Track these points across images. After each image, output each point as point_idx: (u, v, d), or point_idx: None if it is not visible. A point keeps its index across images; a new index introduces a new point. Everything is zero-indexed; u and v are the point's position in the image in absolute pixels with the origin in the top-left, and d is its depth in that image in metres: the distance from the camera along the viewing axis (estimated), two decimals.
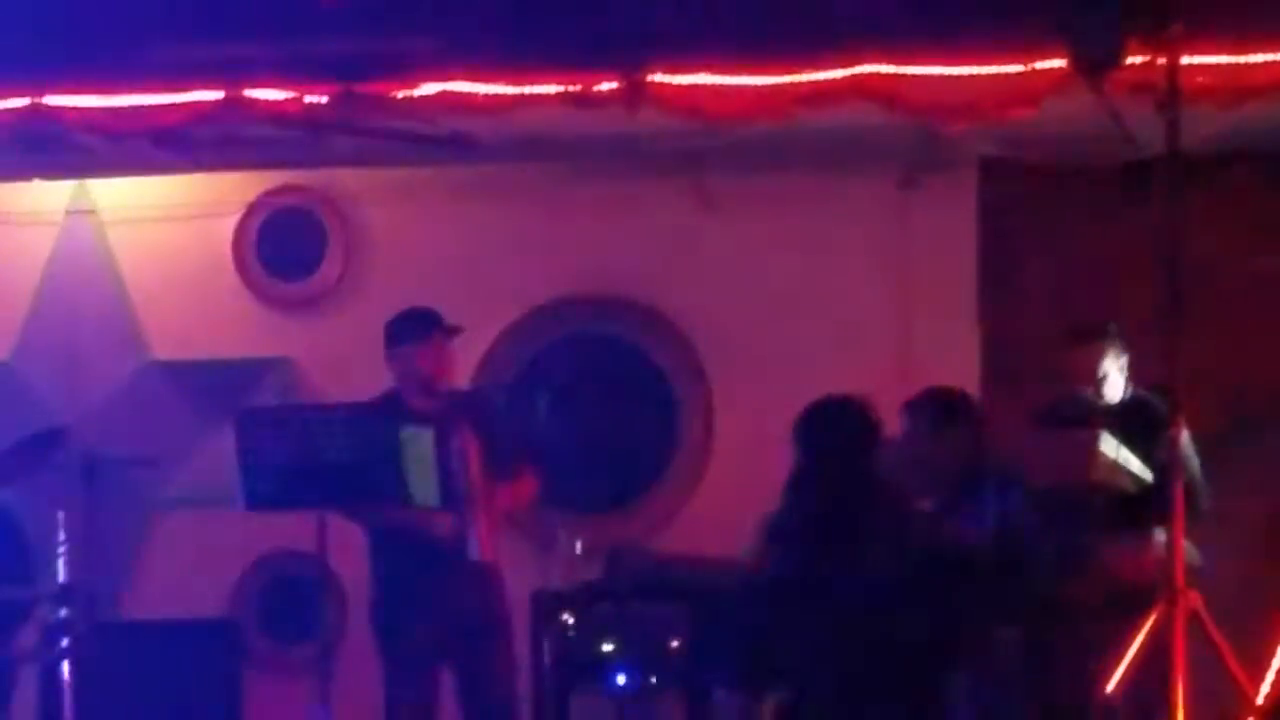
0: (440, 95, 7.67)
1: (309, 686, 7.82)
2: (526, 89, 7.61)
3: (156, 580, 8.92)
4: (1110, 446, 6.71)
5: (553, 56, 7.60)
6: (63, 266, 9.10)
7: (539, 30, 7.63)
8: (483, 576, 7.32)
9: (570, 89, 7.59)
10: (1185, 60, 6.37)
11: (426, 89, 7.66)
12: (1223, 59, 7.18)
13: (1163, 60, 6.28)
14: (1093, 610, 6.62)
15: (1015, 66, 7.35)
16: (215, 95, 7.77)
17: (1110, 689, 6.12)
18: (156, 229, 8.99)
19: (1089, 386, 7.21)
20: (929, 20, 7.37)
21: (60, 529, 7.69)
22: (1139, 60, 6.56)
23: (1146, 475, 6.77)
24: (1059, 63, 7.17)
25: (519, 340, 8.88)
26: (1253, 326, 8.43)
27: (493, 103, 7.64)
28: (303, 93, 7.74)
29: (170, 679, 8.34)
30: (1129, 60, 6.60)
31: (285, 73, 7.74)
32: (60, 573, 7.70)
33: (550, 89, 7.61)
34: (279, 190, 9.00)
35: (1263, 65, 7.24)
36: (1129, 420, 6.97)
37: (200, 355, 8.99)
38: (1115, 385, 7.21)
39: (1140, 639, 6.12)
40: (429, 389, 7.39)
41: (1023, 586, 6.40)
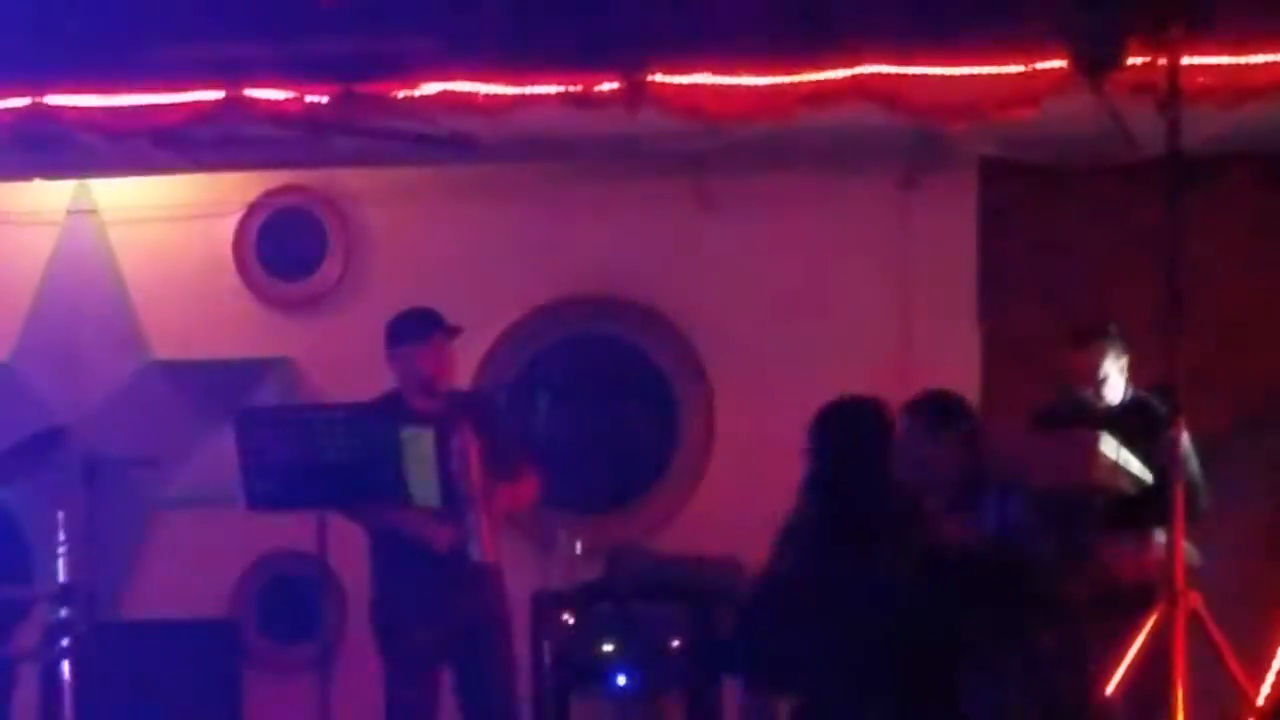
0: (440, 95, 7.66)
1: (309, 686, 7.83)
2: (527, 89, 7.61)
3: (156, 580, 8.92)
4: (1110, 447, 6.71)
5: (553, 57, 7.59)
6: (63, 266, 9.10)
7: (539, 30, 7.63)
8: (483, 577, 7.32)
9: (570, 89, 7.59)
10: (1186, 61, 6.37)
11: (427, 89, 7.66)
12: (1223, 60, 7.18)
13: (1163, 61, 6.28)
14: (1093, 611, 6.62)
15: (1016, 67, 7.35)
16: (216, 95, 7.77)
17: (1110, 689, 6.13)
18: (157, 229, 8.99)
19: (1089, 387, 7.21)
20: (929, 20, 7.37)
21: (60, 529, 7.68)
22: (1139, 61, 6.56)
23: (1147, 476, 6.77)
24: (1059, 63, 7.17)
25: (519, 340, 8.87)
26: (1253, 327, 8.42)
27: (493, 103, 7.64)
28: (303, 93, 7.73)
29: (170, 679, 8.35)
30: (1129, 61, 6.60)
31: (285, 73, 7.73)
32: (60, 572, 7.69)
33: (550, 89, 7.61)
34: (279, 190, 9.00)
35: (1263, 66, 7.24)
36: (1129, 421, 6.97)
37: (201, 355, 8.98)
38: (1115, 386, 7.21)
39: (1140, 639, 6.12)
40: (429, 389, 7.39)
41: (1023, 589, 6.39)
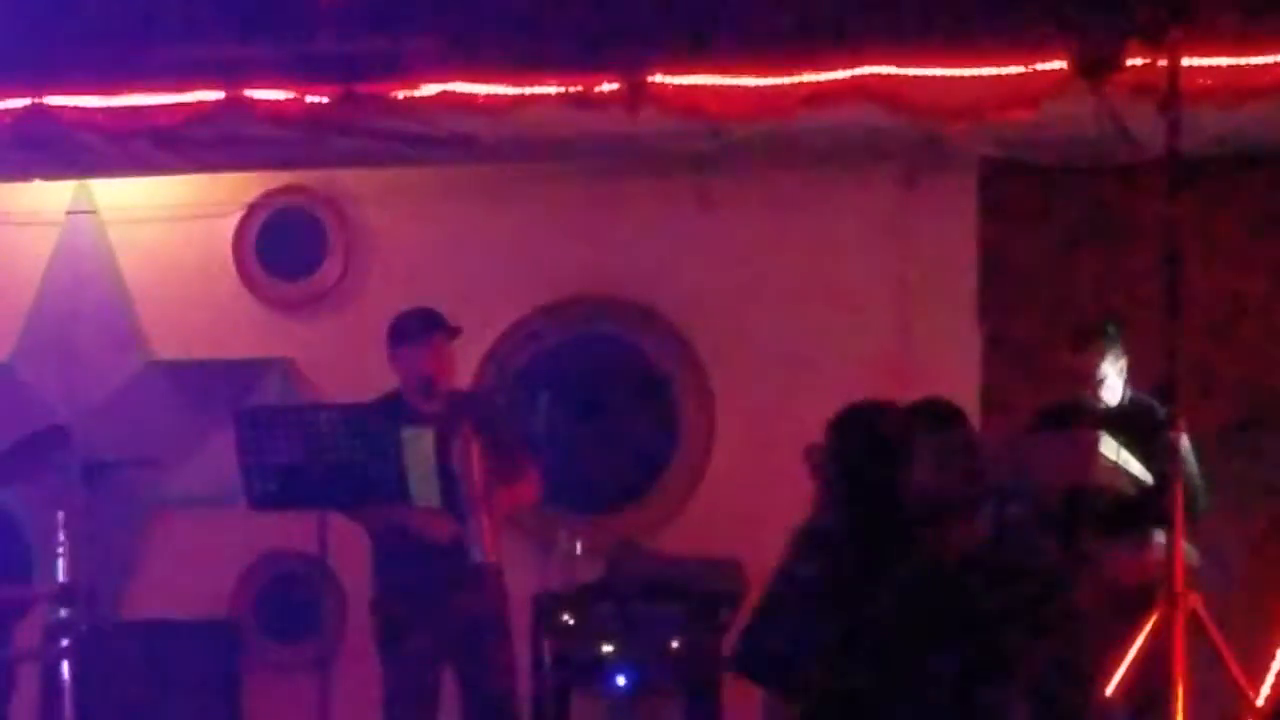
0: (440, 96, 7.67)
1: (309, 686, 7.83)
2: (527, 89, 7.61)
3: (157, 580, 8.92)
4: (1110, 449, 6.70)
5: (553, 57, 7.60)
6: (63, 266, 9.10)
7: (539, 31, 7.63)
8: (484, 577, 7.31)
9: (571, 89, 7.59)
10: (1186, 62, 6.37)
11: (427, 89, 7.66)
12: (1223, 61, 7.18)
13: (1163, 62, 6.28)
14: (1093, 612, 6.62)
15: (1016, 68, 7.35)
16: (216, 95, 7.78)
17: (1110, 690, 6.13)
18: (157, 229, 8.99)
19: (1088, 388, 7.21)
20: (930, 21, 7.37)
21: (60, 529, 7.68)
22: (1139, 62, 6.57)
23: (1146, 477, 6.77)
24: (1060, 64, 7.17)
25: (519, 340, 8.87)
26: (1253, 327, 8.42)
27: (493, 103, 7.64)
28: (303, 93, 7.74)
29: (170, 679, 8.35)
30: (1129, 62, 6.61)
31: (285, 73, 7.74)
32: (60, 572, 7.70)
33: (551, 89, 7.61)
34: (279, 190, 8.99)
35: (1263, 67, 7.24)
36: (1129, 422, 6.97)
37: (201, 355, 8.98)
38: (1113, 388, 7.21)
39: (1140, 640, 6.13)
40: (430, 390, 7.38)
41: (1037, 595, 6.37)
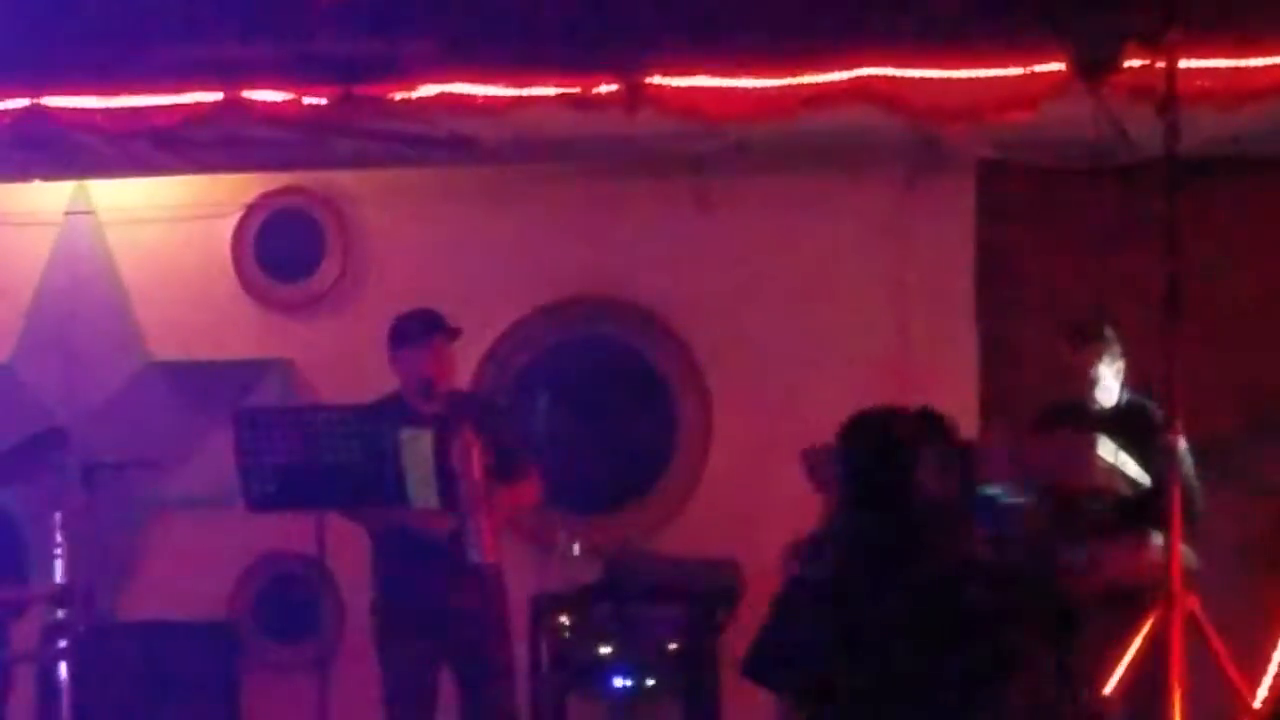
0: (439, 97, 7.67)
1: (308, 687, 7.83)
2: (525, 91, 7.62)
3: (155, 581, 8.91)
4: (1108, 450, 6.70)
5: (552, 58, 7.60)
6: (62, 267, 9.09)
7: (538, 32, 7.63)
8: (484, 578, 7.32)
9: (569, 91, 7.59)
10: (1184, 64, 6.37)
11: (425, 90, 7.67)
12: (1221, 63, 7.18)
13: (1161, 64, 6.29)
14: (1091, 613, 6.62)
15: (1014, 70, 7.35)
16: (214, 96, 7.78)
17: (1108, 692, 6.13)
18: (155, 230, 8.98)
19: (1084, 387, 7.21)
20: (928, 23, 7.38)
21: (58, 530, 7.68)
22: (1137, 64, 6.57)
23: (1144, 479, 6.77)
24: (1058, 66, 7.18)
25: (518, 342, 8.86)
26: (1252, 329, 8.42)
27: (492, 104, 7.64)
28: (301, 94, 7.74)
29: (169, 680, 8.35)
30: (1127, 64, 6.61)
31: (284, 74, 7.74)
32: (58, 573, 7.70)
33: (549, 90, 7.61)
34: (278, 191, 8.99)
35: (1261, 69, 7.24)
36: (1126, 424, 6.98)
37: (199, 356, 8.97)
38: (1109, 389, 7.21)
39: (1138, 642, 6.13)
40: (430, 391, 7.39)
41: (1046, 602, 6.37)
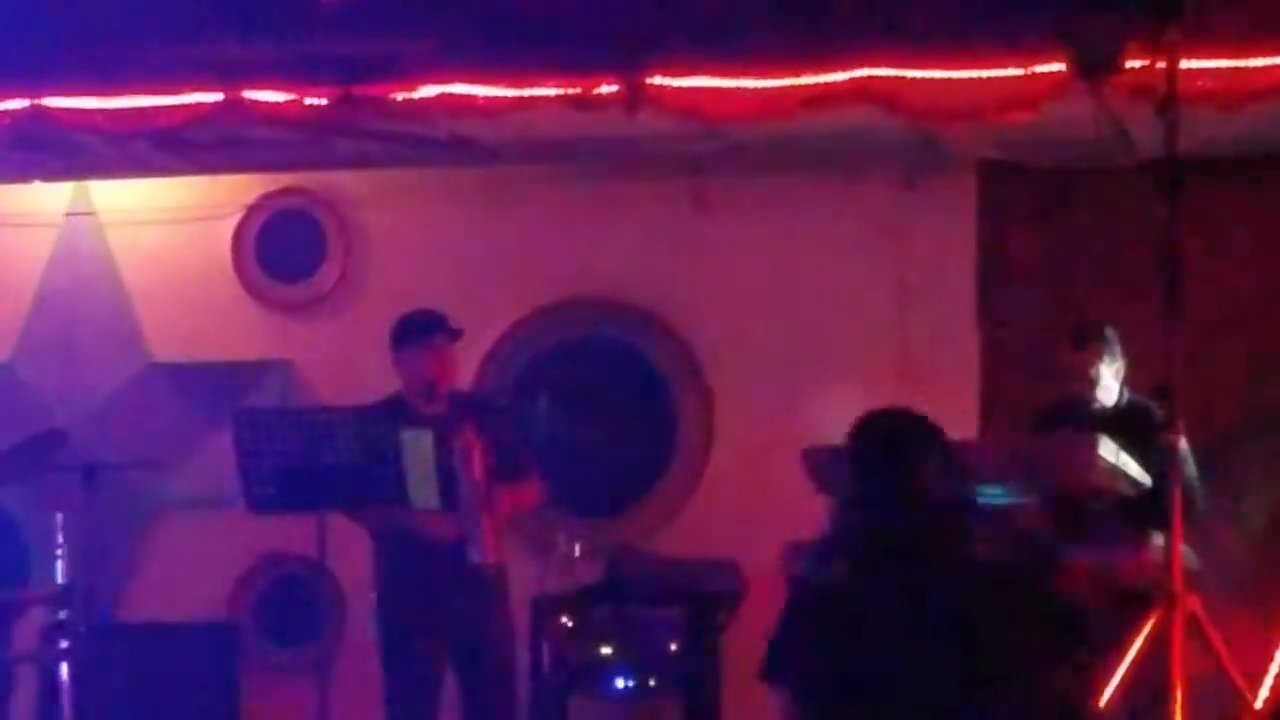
0: (439, 98, 7.66)
1: (308, 688, 7.83)
2: (526, 91, 7.60)
3: (155, 582, 8.92)
4: (1109, 451, 6.69)
5: (552, 59, 7.58)
6: (62, 269, 9.10)
7: (538, 32, 7.62)
8: (486, 579, 7.31)
9: (569, 91, 7.58)
10: (1184, 64, 6.37)
11: (426, 91, 7.65)
12: (1222, 63, 7.17)
13: (1162, 64, 6.29)
14: (1092, 614, 6.61)
15: (1015, 70, 7.33)
16: (215, 97, 7.77)
17: (1109, 693, 6.13)
18: (156, 231, 8.99)
19: (1084, 387, 7.21)
20: (929, 23, 7.37)
21: (59, 531, 7.68)
22: (1138, 64, 6.56)
23: (1145, 480, 6.76)
24: (1058, 66, 7.17)
25: (518, 343, 8.87)
26: (1252, 329, 8.42)
27: (492, 105, 7.63)
28: (302, 95, 7.73)
29: (169, 681, 8.35)
30: (1128, 64, 6.60)
31: (284, 75, 7.73)
32: (59, 574, 7.69)
33: (549, 91, 7.60)
34: (278, 192, 9.00)
35: (1262, 69, 7.23)
36: (1127, 424, 6.97)
37: (199, 357, 8.98)
38: (1108, 389, 7.21)
39: (1139, 643, 6.12)
40: (431, 392, 7.39)
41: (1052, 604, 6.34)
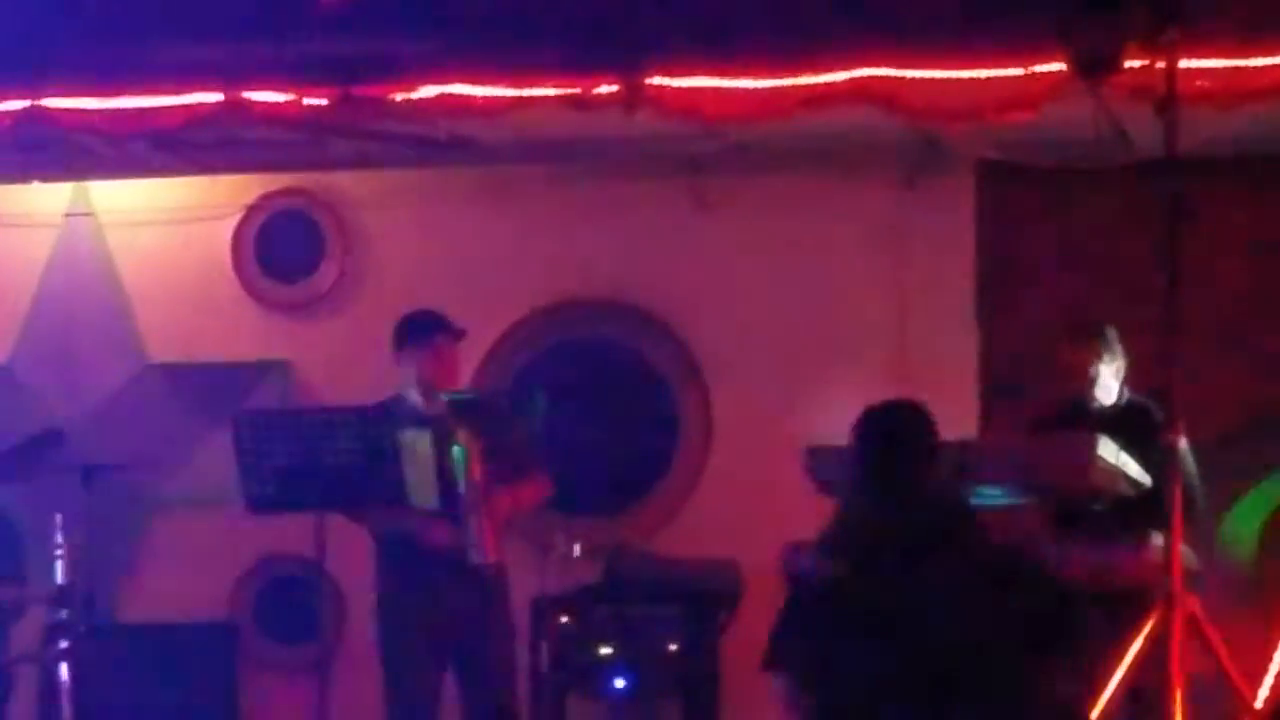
0: (438, 98, 7.66)
1: (307, 688, 7.83)
2: (525, 91, 7.60)
3: (155, 582, 8.92)
4: (1109, 451, 6.69)
5: (551, 59, 7.59)
6: (61, 269, 9.10)
7: (537, 33, 7.62)
8: (486, 579, 7.30)
9: (568, 91, 7.58)
10: (1184, 64, 6.37)
11: (425, 91, 7.65)
12: (1221, 63, 7.18)
13: (1161, 64, 6.29)
14: (1092, 614, 6.61)
15: (1014, 70, 7.34)
16: (214, 98, 7.77)
17: (1108, 693, 6.13)
18: (155, 232, 8.99)
19: (1083, 385, 7.21)
20: (928, 23, 7.37)
21: (58, 531, 7.67)
22: (1138, 64, 6.56)
23: (1145, 480, 6.76)
24: (1058, 66, 7.17)
25: (517, 343, 8.87)
26: (1252, 329, 8.43)
27: (491, 105, 7.63)
28: (301, 95, 7.73)
29: (169, 681, 8.36)
30: (1128, 64, 6.60)
31: (283, 75, 7.73)
32: (58, 574, 7.68)
33: (548, 91, 7.60)
34: (277, 193, 8.99)
35: (1261, 69, 7.24)
36: (1127, 424, 6.97)
37: (198, 358, 8.98)
38: (1107, 388, 7.20)
39: (1138, 643, 6.12)
40: (431, 391, 7.38)
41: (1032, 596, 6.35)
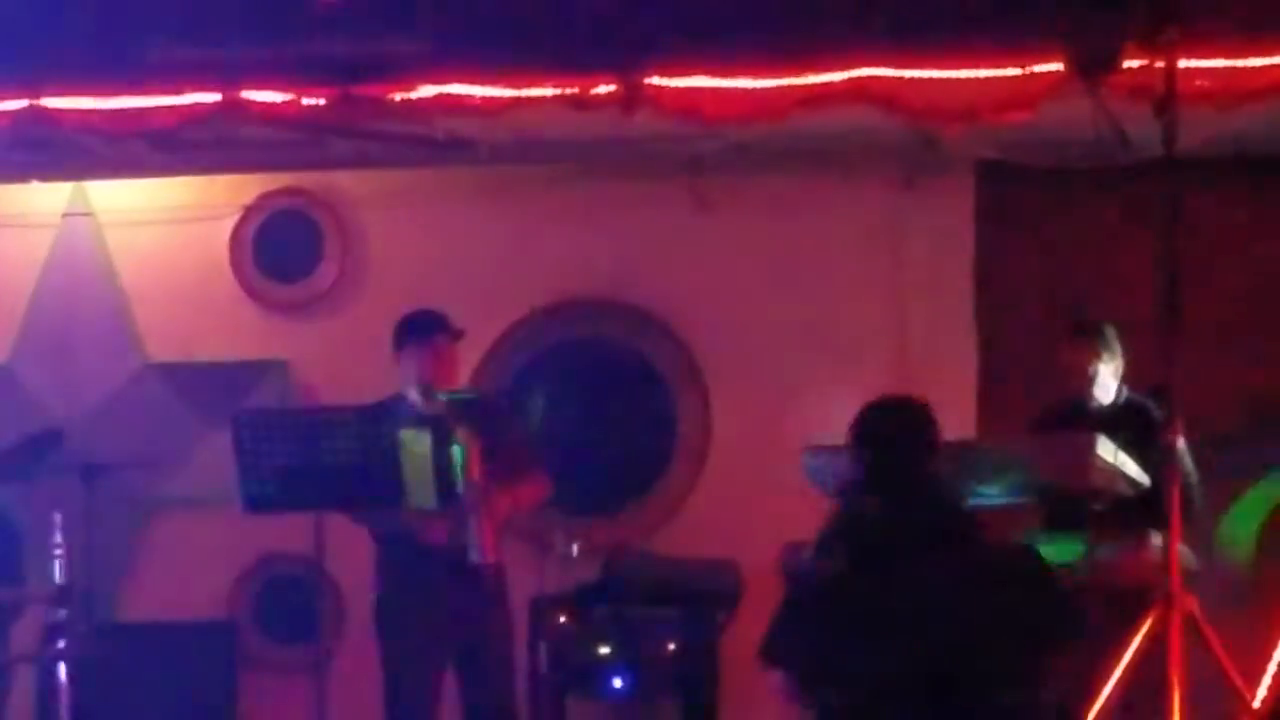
0: (437, 98, 7.67)
1: (306, 687, 7.83)
2: (523, 91, 7.61)
3: (153, 582, 8.91)
4: (1108, 450, 6.69)
5: (549, 59, 7.60)
6: (60, 269, 9.08)
7: (535, 33, 7.63)
8: (486, 578, 7.30)
9: (567, 91, 7.59)
10: (1182, 64, 6.37)
11: (423, 91, 7.66)
12: (1220, 63, 7.18)
13: (1159, 64, 6.29)
14: (1091, 614, 6.61)
15: (1013, 70, 7.35)
16: (212, 98, 7.78)
17: (1107, 692, 6.13)
18: (154, 231, 8.98)
19: (1081, 383, 7.21)
20: (927, 23, 7.38)
21: (57, 530, 7.67)
22: (1136, 64, 6.57)
23: (1144, 479, 6.76)
24: (1056, 66, 7.18)
25: (516, 343, 8.86)
26: (1251, 328, 8.43)
27: (489, 105, 7.64)
28: (299, 95, 7.74)
29: (167, 680, 8.35)
30: (1126, 64, 6.61)
31: (282, 75, 7.74)
32: (57, 574, 7.68)
33: (547, 91, 7.61)
34: (276, 193, 8.98)
35: (1261, 69, 7.24)
36: (1126, 423, 6.97)
37: (197, 358, 8.97)
38: (1105, 387, 7.21)
39: (1137, 642, 6.13)
40: (430, 391, 7.38)
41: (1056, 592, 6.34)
